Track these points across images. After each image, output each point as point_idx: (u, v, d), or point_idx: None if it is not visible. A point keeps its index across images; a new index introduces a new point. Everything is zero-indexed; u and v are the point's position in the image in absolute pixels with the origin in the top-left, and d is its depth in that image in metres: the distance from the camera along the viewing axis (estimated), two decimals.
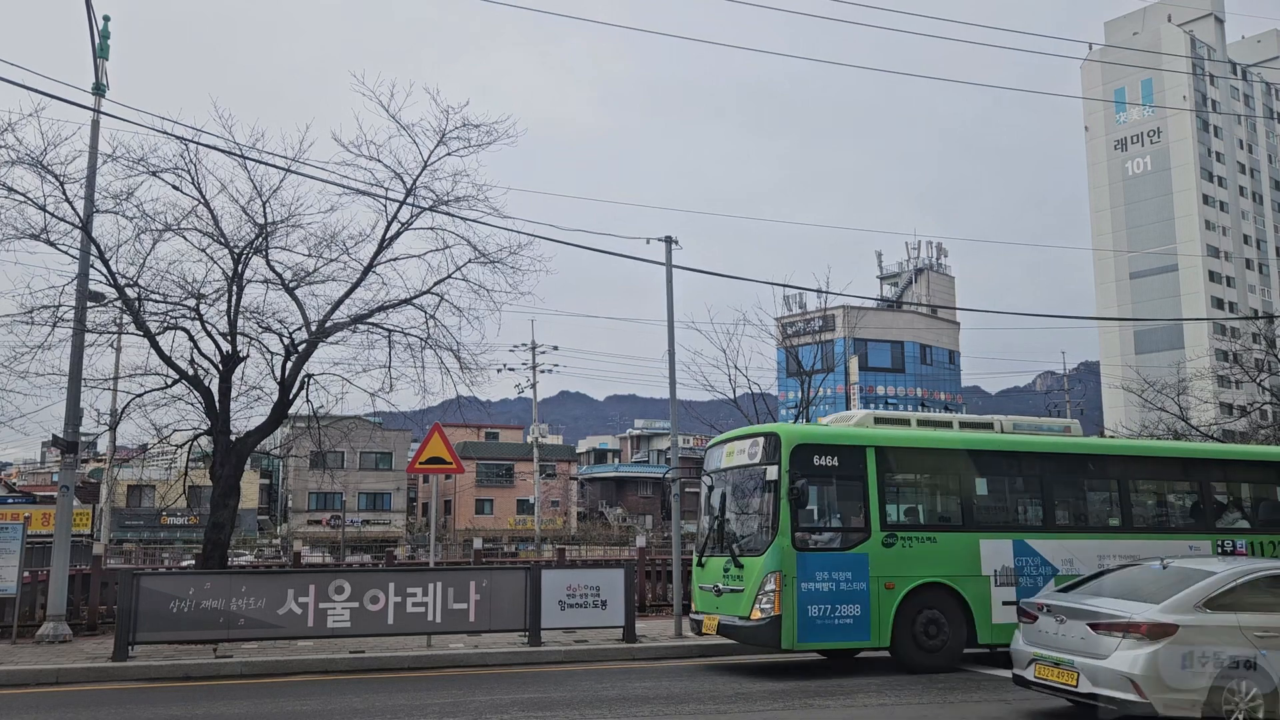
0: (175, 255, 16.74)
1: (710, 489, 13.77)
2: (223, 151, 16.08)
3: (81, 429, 16.85)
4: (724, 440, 14.03)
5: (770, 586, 11.93)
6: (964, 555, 12.84)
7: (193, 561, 29.63)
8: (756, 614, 12.05)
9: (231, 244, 16.30)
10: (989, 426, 14.61)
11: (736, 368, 26.96)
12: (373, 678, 12.31)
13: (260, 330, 16.85)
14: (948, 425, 14.54)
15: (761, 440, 12.85)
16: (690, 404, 35.20)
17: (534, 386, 55.84)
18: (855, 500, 12.68)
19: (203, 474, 19.06)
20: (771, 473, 12.32)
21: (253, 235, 16.32)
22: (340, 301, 16.94)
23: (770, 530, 12.15)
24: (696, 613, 13.55)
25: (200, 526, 43.10)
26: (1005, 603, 12.79)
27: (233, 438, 17.09)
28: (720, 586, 12.86)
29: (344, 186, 16.59)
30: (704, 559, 13.52)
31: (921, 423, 14.45)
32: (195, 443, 18.49)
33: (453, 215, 16.97)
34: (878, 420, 14.17)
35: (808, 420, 27.94)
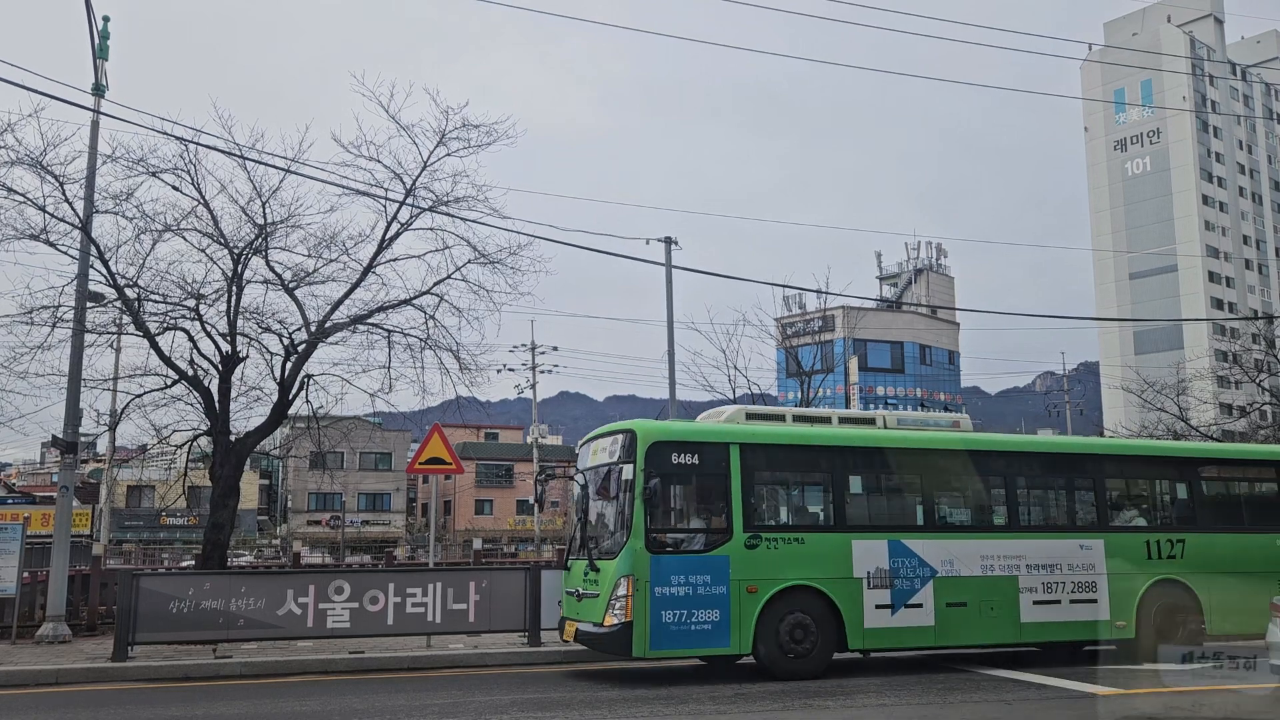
0: (175, 256, 16.78)
1: (581, 488, 13.03)
2: (222, 152, 16.12)
3: (81, 429, 16.85)
4: (591, 438, 13.39)
5: (622, 591, 11.27)
6: (834, 557, 12.16)
7: (192, 562, 29.66)
8: (609, 620, 11.40)
9: (231, 244, 16.31)
10: (870, 422, 14.05)
11: (736, 368, 27.07)
12: (372, 678, 12.30)
13: (260, 331, 16.88)
14: (826, 421, 13.91)
15: (620, 437, 12.15)
16: (690, 405, 35.18)
17: (534, 387, 55.78)
18: (717, 500, 12.04)
19: (202, 474, 19.07)
20: (627, 471, 11.66)
21: (252, 236, 16.33)
22: (340, 302, 16.96)
23: (625, 532, 11.52)
24: (564, 618, 12.91)
25: (200, 527, 43.11)
26: (879, 606, 12.17)
27: (232, 438, 17.10)
28: (580, 591, 12.25)
29: (344, 187, 16.63)
30: (569, 561, 13.01)
31: (798, 419, 13.76)
32: (195, 443, 18.50)
33: (452, 216, 17.02)
34: (749, 416, 13.37)
35: None
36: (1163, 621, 13.37)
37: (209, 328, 16.46)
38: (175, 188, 16.20)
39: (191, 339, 16.53)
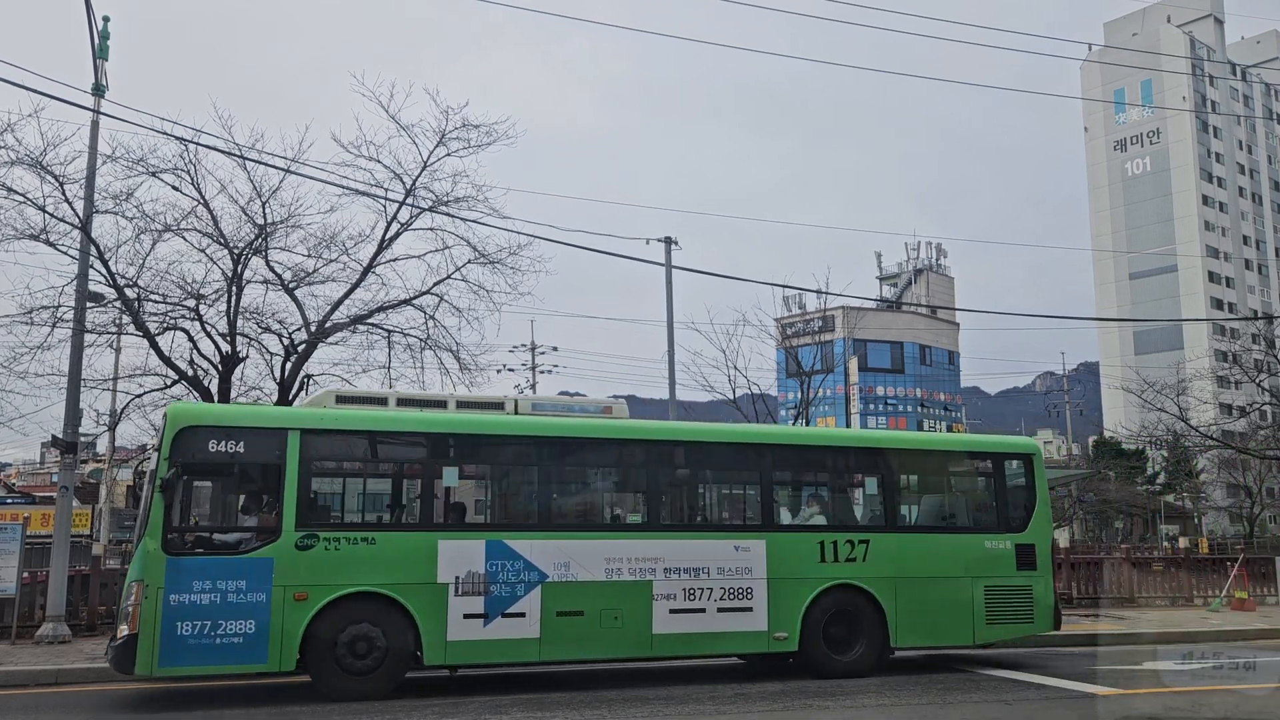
0: (175, 256, 16.85)
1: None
2: (222, 152, 16.16)
3: (81, 429, 16.87)
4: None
5: (132, 599, 9.91)
6: (414, 559, 10.66)
7: None
8: (121, 632, 10.07)
9: (231, 244, 16.34)
10: (498, 407, 12.19)
11: (736, 368, 27.10)
12: None
13: (260, 331, 16.93)
14: (442, 406, 12.06)
15: (162, 422, 10.80)
16: (690, 405, 35.25)
17: (534, 387, 55.72)
18: (266, 493, 10.65)
19: None
20: (153, 460, 10.40)
21: (252, 236, 16.36)
22: (340, 302, 17.00)
23: (144, 531, 10.15)
24: None
25: None
26: (467, 615, 10.71)
27: None
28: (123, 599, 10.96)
29: (344, 187, 16.65)
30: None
31: (404, 403, 11.93)
32: None
33: (452, 216, 17.08)
34: (340, 399, 11.67)
35: (806, 422, 27.95)
36: (838, 631, 11.97)
37: (209, 328, 16.50)
38: (175, 188, 16.27)
39: (191, 339, 16.56)
